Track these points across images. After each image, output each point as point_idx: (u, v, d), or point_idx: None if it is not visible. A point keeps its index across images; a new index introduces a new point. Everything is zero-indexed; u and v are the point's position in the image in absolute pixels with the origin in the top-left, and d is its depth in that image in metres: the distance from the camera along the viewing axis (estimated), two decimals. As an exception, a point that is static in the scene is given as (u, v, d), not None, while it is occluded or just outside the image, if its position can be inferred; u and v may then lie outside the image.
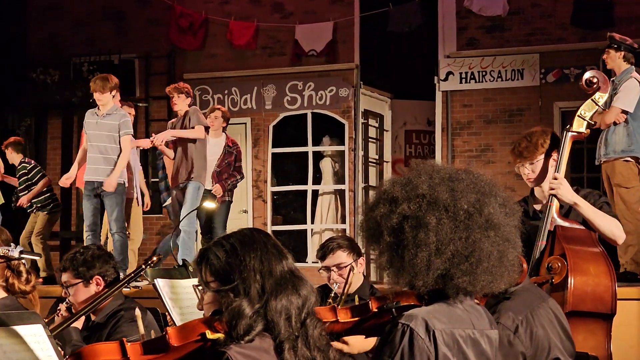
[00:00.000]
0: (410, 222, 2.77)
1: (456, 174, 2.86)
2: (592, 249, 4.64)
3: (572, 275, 4.45)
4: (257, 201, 13.84)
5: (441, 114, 13.23)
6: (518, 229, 2.92)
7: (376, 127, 14.34)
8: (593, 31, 12.44)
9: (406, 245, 2.77)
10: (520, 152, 4.86)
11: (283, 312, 2.70)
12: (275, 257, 2.79)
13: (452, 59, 13.15)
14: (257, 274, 2.73)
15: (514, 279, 2.93)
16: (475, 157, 12.89)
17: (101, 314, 4.65)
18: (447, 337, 2.73)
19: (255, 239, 2.81)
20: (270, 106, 13.85)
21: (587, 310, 4.45)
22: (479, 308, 2.93)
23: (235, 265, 2.74)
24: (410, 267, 2.77)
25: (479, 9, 12.73)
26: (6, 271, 3.96)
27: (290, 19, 13.79)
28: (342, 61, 13.58)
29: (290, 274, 2.79)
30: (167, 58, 14.41)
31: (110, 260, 4.74)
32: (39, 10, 15.04)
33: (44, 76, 14.25)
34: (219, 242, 2.82)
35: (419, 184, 2.82)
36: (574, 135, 4.85)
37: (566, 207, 4.82)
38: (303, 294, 2.76)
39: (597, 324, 4.52)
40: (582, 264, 4.52)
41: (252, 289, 2.71)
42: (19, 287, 3.97)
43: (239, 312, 2.68)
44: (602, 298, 4.51)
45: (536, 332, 3.50)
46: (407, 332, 2.70)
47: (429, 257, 2.73)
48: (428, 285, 2.78)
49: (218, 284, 2.76)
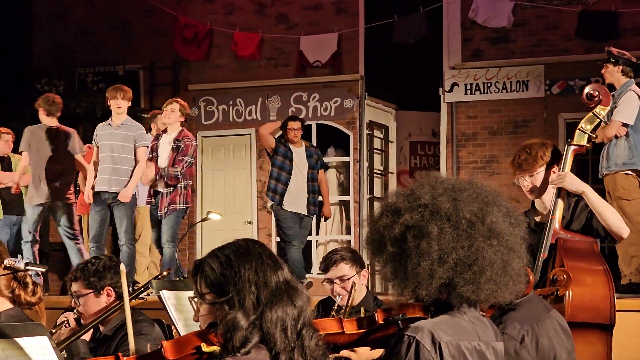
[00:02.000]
0: (413, 231, 2.78)
1: (459, 185, 2.87)
2: (592, 260, 4.66)
3: (570, 287, 4.46)
4: (262, 212, 13.83)
5: (446, 125, 13.23)
6: (524, 239, 2.92)
7: (381, 138, 14.34)
8: (598, 42, 12.44)
9: (409, 255, 2.78)
10: (520, 164, 4.88)
11: (279, 323, 2.68)
12: (271, 267, 2.76)
13: (457, 70, 13.15)
14: (252, 285, 2.70)
15: (520, 289, 2.92)
16: (480, 169, 12.89)
17: (109, 325, 4.64)
18: (453, 349, 2.72)
19: (250, 250, 2.79)
20: (274, 117, 13.85)
21: (583, 320, 4.46)
22: (484, 320, 2.92)
23: (230, 277, 2.72)
24: (413, 276, 2.77)
25: (484, 20, 12.74)
26: (12, 282, 3.96)
27: (295, 30, 13.81)
28: (346, 72, 13.59)
29: (286, 285, 2.76)
30: (172, 69, 14.43)
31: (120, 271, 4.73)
32: (44, 20, 15.08)
33: (49, 87, 14.25)
34: (214, 254, 2.80)
35: (421, 195, 2.83)
36: (575, 148, 4.90)
37: (567, 217, 4.83)
38: (298, 305, 2.74)
39: (594, 335, 4.52)
40: (579, 275, 4.53)
41: (247, 300, 2.69)
42: (24, 299, 3.97)
43: (234, 325, 2.66)
44: (599, 309, 4.52)
45: (542, 342, 3.50)
46: (413, 344, 2.69)
47: (432, 265, 2.74)
48: (432, 295, 2.78)
49: (213, 296, 2.74)
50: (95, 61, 14.47)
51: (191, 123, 14.13)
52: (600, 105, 4.94)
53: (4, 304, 3.95)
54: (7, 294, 3.94)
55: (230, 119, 14.04)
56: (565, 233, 4.75)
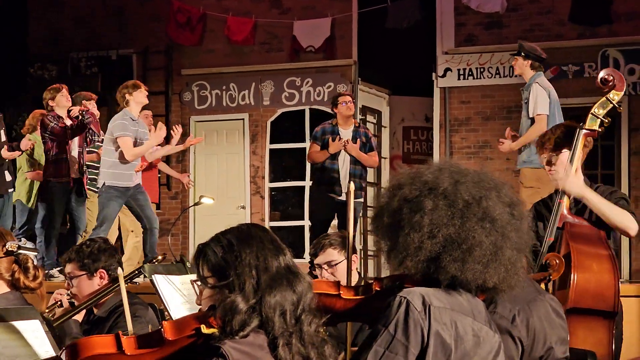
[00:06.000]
0: (409, 205, 2.84)
1: (465, 170, 2.93)
2: (598, 247, 4.63)
3: (575, 272, 4.45)
4: (255, 197, 13.84)
5: (439, 110, 13.24)
6: (527, 233, 2.95)
7: (374, 124, 14.33)
8: (592, 27, 12.46)
9: (402, 227, 2.83)
10: (543, 142, 4.94)
11: (277, 308, 2.71)
12: (272, 252, 2.79)
13: (450, 55, 13.15)
14: (253, 269, 2.74)
15: (515, 280, 2.93)
16: (473, 154, 12.90)
17: (103, 308, 4.66)
18: (445, 317, 2.76)
19: (252, 235, 2.82)
20: (268, 102, 13.85)
21: (587, 307, 4.44)
22: (481, 304, 2.94)
23: (231, 261, 2.76)
24: (402, 247, 2.83)
25: (477, 6, 12.71)
26: (13, 266, 3.96)
27: (288, 15, 13.79)
28: (340, 57, 13.58)
29: (286, 270, 2.79)
30: (165, 54, 14.40)
31: (115, 255, 4.76)
32: (39, 5, 15.03)
33: (42, 71, 14.23)
34: (216, 238, 2.84)
35: (425, 173, 2.90)
36: (587, 132, 4.85)
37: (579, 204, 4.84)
38: (298, 290, 2.77)
39: (597, 322, 4.51)
40: (585, 261, 4.51)
41: (247, 284, 2.72)
42: (24, 283, 3.98)
43: (233, 308, 2.68)
44: (603, 295, 4.50)
45: (532, 322, 3.51)
46: (403, 304, 2.74)
47: (421, 237, 2.79)
48: (419, 268, 2.82)
49: (215, 280, 2.78)
50: (89, 46, 14.44)
51: (184, 108, 14.15)
52: (614, 90, 4.87)
53: (2, 288, 3.97)
54: (6, 277, 3.96)
55: (223, 104, 14.02)
56: (573, 217, 4.75)
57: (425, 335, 2.72)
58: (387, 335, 2.73)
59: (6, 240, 3.92)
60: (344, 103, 9.78)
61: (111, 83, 14.05)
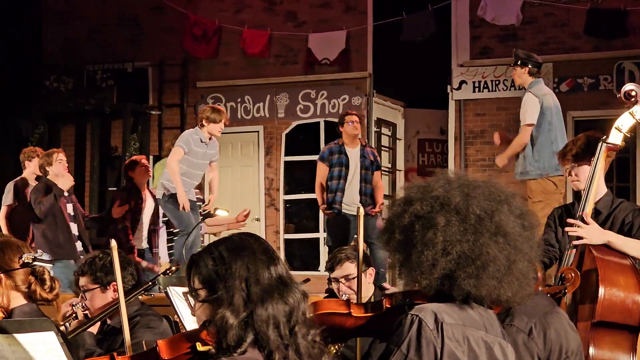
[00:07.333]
0: (421, 221, 2.82)
1: (474, 182, 2.91)
2: (622, 261, 4.59)
3: (603, 286, 4.40)
4: (270, 209, 13.84)
5: (454, 122, 13.22)
6: (537, 243, 2.93)
7: (389, 136, 14.33)
8: (607, 40, 12.43)
9: (415, 244, 2.81)
10: (564, 154, 4.95)
11: (270, 321, 2.63)
12: (264, 263, 2.71)
13: (465, 67, 13.14)
14: (243, 282, 2.66)
15: (527, 292, 2.91)
16: (488, 166, 12.87)
17: (117, 318, 4.66)
18: (457, 333, 2.74)
19: (245, 245, 2.74)
20: (283, 114, 13.86)
21: (614, 321, 4.41)
22: (493, 316, 2.93)
23: (221, 273, 2.68)
24: (416, 265, 2.81)
25: (492, 18, 12.72)
26: (30, 277, 3.97)
27: (303, 28, 13.81)
28: (355, 70, 13.59)
29: (278, 281, 2.70)
30: (181, 66, 14.45)
31: (128, 267, 4.75)
32: (54, 17, 15.10)
33: (58, 84, 14.28)
34: (208, 249, 2.77)
35: (435, 187, 2.87)
36: (609, 146, 4.76)
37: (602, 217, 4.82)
38: (290, 302, 2.68)
39: (623, 336, 4.47)
40: (612, 275, 4.48)
41: (235, 298, 2.64)
42: (40, 295, 3.97)
43: (224, 323, 2.61)
44: (630, 310, 4.46)
45: (549, 334, 3.52)
46: (415, 322, 2.73)
47: (435, 256, 2.77)
48: (433, 285, 2.81)
49: (206, 292, 2.71)
50: (105, 58, 14.49)
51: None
52: (637, 104, 4.75)
53: (18, 300, 3.96)
54: (23, 289, 3.95)
55: (238, 116, 14.04)
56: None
57: (439, 353, 2.71)
58: (400, 355, 2.72)
59: (22, 252, 3.92)
60: (351, 123, 9.81)
61: (126, 95, 14.13)
